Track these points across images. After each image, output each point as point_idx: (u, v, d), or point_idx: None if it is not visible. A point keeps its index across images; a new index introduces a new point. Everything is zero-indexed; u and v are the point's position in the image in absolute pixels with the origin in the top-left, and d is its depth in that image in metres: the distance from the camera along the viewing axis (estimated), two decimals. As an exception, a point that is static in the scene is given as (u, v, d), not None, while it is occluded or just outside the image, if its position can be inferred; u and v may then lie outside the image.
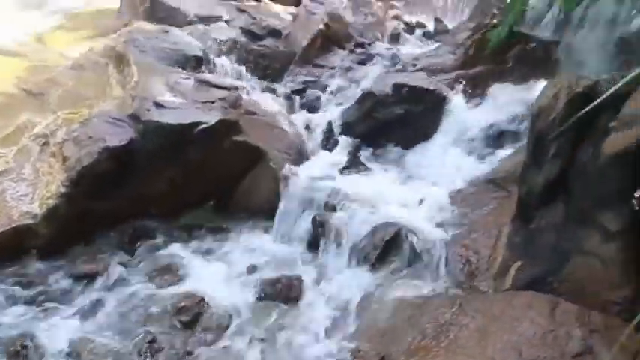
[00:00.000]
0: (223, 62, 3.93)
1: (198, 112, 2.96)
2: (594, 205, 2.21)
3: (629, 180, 2.10)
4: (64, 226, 2.65)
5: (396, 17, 5.60)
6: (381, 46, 4.56)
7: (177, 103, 2.99)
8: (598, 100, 2.25)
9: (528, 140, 2.49)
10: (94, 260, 2.65)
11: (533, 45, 3.87)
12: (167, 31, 4.06)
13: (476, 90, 3.66)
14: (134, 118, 2.92)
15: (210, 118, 2.91)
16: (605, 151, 2.23)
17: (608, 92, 2.19)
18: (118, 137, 2.81)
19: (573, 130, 2.43)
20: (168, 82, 3.31)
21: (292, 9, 5.48)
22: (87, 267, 2.61)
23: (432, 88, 3.42)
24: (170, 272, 2.62)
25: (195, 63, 3.78)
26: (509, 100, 3.53)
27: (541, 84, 2.84)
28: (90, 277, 2.56)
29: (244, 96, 3.41)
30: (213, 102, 3.08)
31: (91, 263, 2.63)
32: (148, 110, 2.92)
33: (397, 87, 3.41)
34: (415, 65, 3.87)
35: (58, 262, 2.62)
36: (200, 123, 2.87)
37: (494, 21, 4.10)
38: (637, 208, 2.03)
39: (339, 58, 4.18)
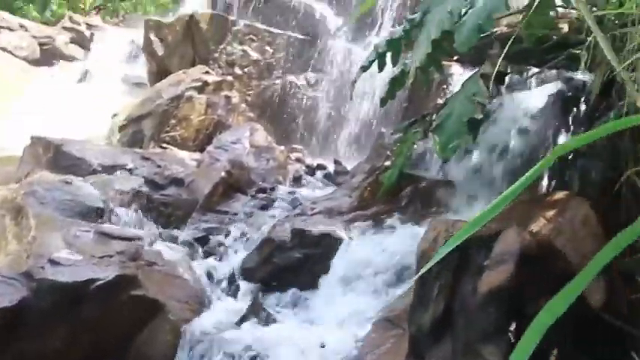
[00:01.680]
0: (125, 212, 3.97)
1: (94, 268, 2.96)
2: (477, 338, 2.35)
3: (505, 314, 2.28)
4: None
5: (298, 160, 5.91)
6: (282, 190, 4.77)
7: (74, 260, 2.98)
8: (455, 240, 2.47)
9: (414, 281, 2.66)
10: None
11: (424, 184, 4.20)
12: (69, 182, 4.09)
13: (372, 230, 3.88)
14: (27, 276, 2.86)
15: (107, 273, 2.91)
16: (481, 288, 2.43)
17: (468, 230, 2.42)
18: (8, 297, 2.75)
19: (453, 270, 2.63)
20: (67, 236, 3.30)
21: (197, 155, 5.69)
22: None
23: (328, 231, 3.59)
24: None
25: (97, 214, 3.80)
26: (404, 238, 3.75)
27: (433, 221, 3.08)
28: None
29: (145, 246, 3.44)
30: (111, 256, 3.09)
31: None
32: (42, 268, 2.89)
33: (295, 232, 3.57)
34: (314, 209, 4.08)
35: None
36: (96, 280, 2.86)
37: (387, 163, 4.45)
38: (513, 340, 2.19)
39: (241, 204, 4.33)
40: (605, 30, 2.31)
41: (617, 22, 2.50)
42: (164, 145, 5.85)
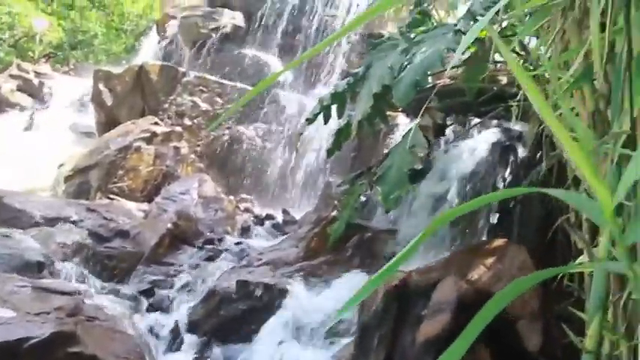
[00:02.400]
0: (67, 266, 3.88)
1: (29, 325, 2.86)
2: (416, 389, 2.39)
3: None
4: None
5: (247, 210, 5.93)
6: (230, 241, 4.76)
7: (6, 317, 2.88)
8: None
9: (355, 332, 2.69)
10: None
11: (370, 234, 4.27)
12: (8, 235, 3.99)
13: (317, 281, 3.90)
14: (-42, 335, 2.76)
15: (43, 331, 2.82)
16: (419, 338, 2.48)
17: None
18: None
19: (394, 320, 2.68)
20: (2, 292, 3.20)
21: (145, 206, 5.64)
22: None
23: (273, 282, 3.60)
24: None
25: (36, 268, 3.71)
26: (349, 289, 3.78)
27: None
28: None
29: (87, 301, 3.36)
30: (48, 313, 3.00)
31: None
32: (-26, 326, 2.78)
33: (240, 284, 3.55)
34: (260, 260, 4.08)
35: None
36: (30, 338, 2.76)
37: (334, 214, 4.51)
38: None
39: (187, 255, 4.30)
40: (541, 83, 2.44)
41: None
42: (111, 196, 5.78)
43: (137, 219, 4.99)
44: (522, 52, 3.14)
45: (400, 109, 5.43)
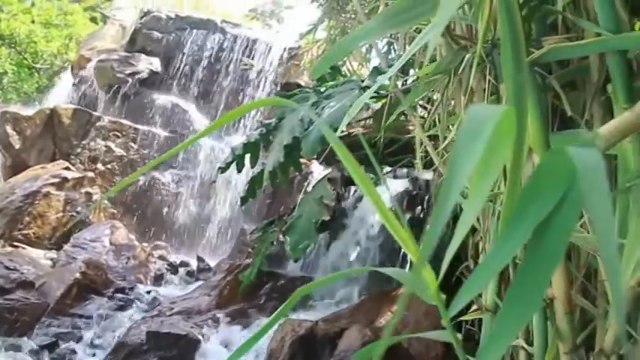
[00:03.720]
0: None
1: None
2: None
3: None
4: None
5: (161, 257, 5.84)
6: (142, 290, 4.67)
7: None
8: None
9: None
10: None
11: (283, 282, 4.33)
12: None
13: (229, 328, 3.90)
14: None
15: None
16: (327, 386, 2.55)
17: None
18: None
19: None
20: None
21: (53, 253, 5.44)
22: None
23: (184, 332, 3.57)
24: None
25: None
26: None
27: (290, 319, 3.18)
28: None
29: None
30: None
31: None
32: None
33: (150, 335, 3.50)
34: (172, 309, 4.04)
35: None
36: None
37: (248, 261, 4.54)
38: None
39: (96, 306, 4.18)
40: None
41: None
42: (16, 243, 5.54)
43: (44, 268, 4.81)
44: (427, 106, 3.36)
45: (315, 157, 5.60)
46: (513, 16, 0.79)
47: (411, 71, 2.79)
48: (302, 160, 3.86)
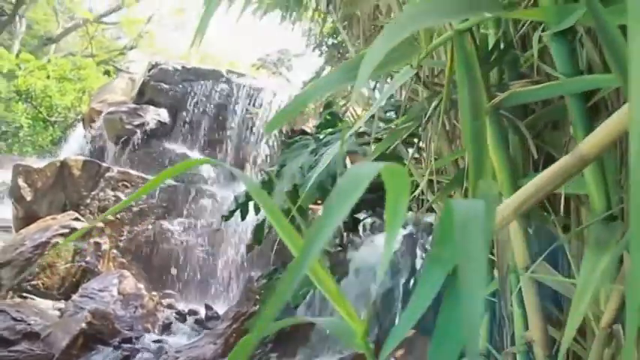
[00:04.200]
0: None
1: None
2: None
3: None
4: None
5: (169, 306, 5.83)
6: (148, 339, 4.65)
7: None
8: None
9: None
10: None
11: (290, 328, 4.30)
12: None
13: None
14: None
15: None
16: None
17: None
18: None
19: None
20: None
21: (62, 304, 5.45)
22: None
23: (189, 383, 3.55)
24: None
25: None
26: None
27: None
28: None
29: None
30: None
31: None
32: None
33: (154, 385, 3.49)
34: (177, 358, 4.02)
35: None
36: None
37: (255, 308, 4.52)
38: None
39: (102, 356, 4.16)
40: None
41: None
42: (24, 294, 5.57)
43: (51, 318, 4.82)
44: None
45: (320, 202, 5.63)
46: (470, 62, 0.82)
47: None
48: (310, 206, 3.89)
